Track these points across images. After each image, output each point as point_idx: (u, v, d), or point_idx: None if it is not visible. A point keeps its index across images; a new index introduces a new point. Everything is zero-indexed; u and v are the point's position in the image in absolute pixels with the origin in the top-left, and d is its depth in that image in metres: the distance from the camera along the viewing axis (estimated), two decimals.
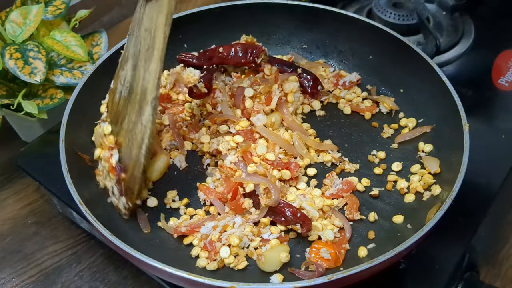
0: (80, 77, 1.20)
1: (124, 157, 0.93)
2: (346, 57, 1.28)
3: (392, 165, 1.07)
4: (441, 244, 0.99)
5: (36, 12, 1.19)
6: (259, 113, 1.09)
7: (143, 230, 0.97)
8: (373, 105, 1.19)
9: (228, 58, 1.17)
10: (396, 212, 0.99)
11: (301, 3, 1.27)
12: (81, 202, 0.89)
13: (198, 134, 1.10)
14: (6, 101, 1.16)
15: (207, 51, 1.21)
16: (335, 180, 1.03)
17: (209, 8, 1.26)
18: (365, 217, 0.99)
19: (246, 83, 1.13)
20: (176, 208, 1.02)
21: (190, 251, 0.95)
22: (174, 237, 0.96)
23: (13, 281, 1.09)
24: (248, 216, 0.97)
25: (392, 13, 1.42)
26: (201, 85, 1.09)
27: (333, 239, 0.93)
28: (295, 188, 1.03)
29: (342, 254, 0.92)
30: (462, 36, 1.45)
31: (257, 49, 1.14)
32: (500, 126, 1.23)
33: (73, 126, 1.02)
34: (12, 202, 1.23)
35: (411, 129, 1.13)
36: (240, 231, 0.93)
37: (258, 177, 0.97)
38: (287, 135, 1.09)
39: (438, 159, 1.03)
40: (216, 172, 1.04)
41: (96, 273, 1.10)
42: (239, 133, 1.06)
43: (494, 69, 1.38)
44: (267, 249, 0.91)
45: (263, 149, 1.02)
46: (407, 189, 1.02)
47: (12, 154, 1.33)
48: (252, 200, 0.98)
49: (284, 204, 0.94)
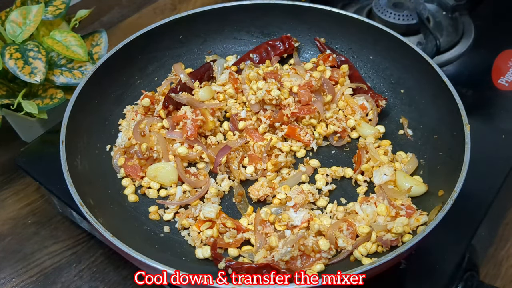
0: (80, 77, 1.20)
1: None
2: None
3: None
4: (441, 244, 0.99)
5: (36, 12, 1.19)
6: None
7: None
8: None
9: (263, 57, 1.24)
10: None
11: (301, 3, 1.27)
12: (82, 203, 0.89)
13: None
14: (6, 101, 1.16)
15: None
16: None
17: (209, 8, 1.26)
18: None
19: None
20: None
21: (194, 252, 0.95)
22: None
23: (13, 281, 1.09)
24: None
25: (392, 13, 1.43)
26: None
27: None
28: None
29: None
30: (462, 36, 1.46)
31: (288, 38, 1.26)
32: (500, 126, 1.23)
33: (74, 126, 1.02)
34: (12, 202, 1.23)
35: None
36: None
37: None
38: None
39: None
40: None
41: (96, 273, 1.10)
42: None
43: (494, 69, 1.38)
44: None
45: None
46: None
47: (12, 154, 1.33)
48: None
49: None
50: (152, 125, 1.10)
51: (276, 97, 1.09)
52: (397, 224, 0.91)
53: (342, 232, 0.94)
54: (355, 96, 1.18)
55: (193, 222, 0.99)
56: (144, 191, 1.05)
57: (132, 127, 1.09)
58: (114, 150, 1.11)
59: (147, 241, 0.96)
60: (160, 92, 1.17)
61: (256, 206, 1.03)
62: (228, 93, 1.18)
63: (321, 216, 0.99)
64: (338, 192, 1.06)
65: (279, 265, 0.88)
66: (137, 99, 1.20)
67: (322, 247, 0.91)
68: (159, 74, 1.26)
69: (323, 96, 1.15)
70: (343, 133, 1.13)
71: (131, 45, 1.18)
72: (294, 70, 1.18)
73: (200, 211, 0.97)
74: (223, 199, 1.05)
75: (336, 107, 1.18)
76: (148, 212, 1.02)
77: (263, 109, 1.12)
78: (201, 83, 1.18)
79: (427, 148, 1.09)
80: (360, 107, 1.15)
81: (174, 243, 0.98)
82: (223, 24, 1.29)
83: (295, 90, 1.12)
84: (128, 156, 1.08)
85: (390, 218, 0.93)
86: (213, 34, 1.30)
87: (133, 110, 1.16)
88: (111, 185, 1.06)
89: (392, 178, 1.01)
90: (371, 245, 0.93)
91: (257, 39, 1.32)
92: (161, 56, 1.26)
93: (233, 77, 1.18)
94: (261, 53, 1.25)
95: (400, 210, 0.93)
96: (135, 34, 1.19)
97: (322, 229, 0.95)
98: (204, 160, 1.09)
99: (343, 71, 1.21)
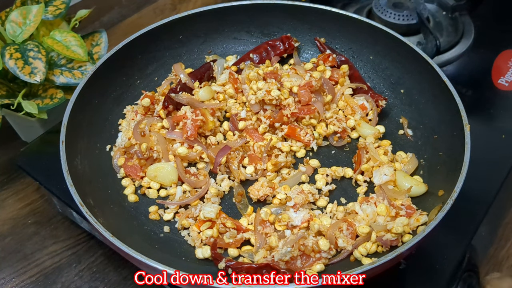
0: (80, 77, 1.20)
1: None
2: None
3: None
4: (441, 244, 0.99)
5: (36, 12, 1.19)
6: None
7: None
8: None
9: (263, 57, 1.25)
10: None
11: (301, 4, 1.27)
12: (82, 203, 0.89)
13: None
14: (6, 101, 1.16)
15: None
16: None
17: (209, 8, 1.26)
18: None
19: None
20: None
21: (194, 252, 0.95)
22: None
23: (13, 281, 1.09)
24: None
25: (392, 13, 1.43)
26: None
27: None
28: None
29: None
30: (462, 36, 1.46)
31: (288, 38, 1.27)
32: (500, 126, 1.23)
33: (74, 126, 1.02)
34: (12, 202, 1.23)
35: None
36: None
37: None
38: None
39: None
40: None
41: (96, 273, 1.10)
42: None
43: (494, 69, 1.38)
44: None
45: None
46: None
47: (12, 154, 1.33)
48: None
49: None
50: (152, 125, 1.11)
51: (276, 97, 1.09)
52: (397, 224, 0.91)
53: (342, 232, 0.94)
54: (355, 96, 1.18)
55: (193, 222, 0.99)
56: (144, 191, 1.05)
57: (132, 127, 1.09)
58: (114, 150, 1.11)
59: (147, 241, 0.96)
60: (160, 92, 1.17)
61: (256, 206, 1.03)
62: (228, 93, 1.18)
63: (321, 216, 0.99)
64: (338, 192, 1.06)
65: (279, 265, 0.88)
66: (137, 99, 1.20)
67: (322, 247, 0.91)
68: (159, 74, 1.26)
69: (323, 96, 1.15)
70: (343, 133, 1.13)
71: (131, 45, 1.18)
72: (294, 70, 1.18)
73: (200, 211, 0.97)
74: (223, 199, 1.05)
75: (336, 107, 1.18)
76: (148, 212, 1.02)
77: (263, 109, 1.12)
78: (201, 83, 1.18)
79: (427, 148, 1.09)
80: (360, 107, 1.15)
81: (174, 243, 0.98)
82: (223, 24, 1.29)
83: (295, 90, 1.12)
84: (128, 156, 1.08)
85: (390, 218, 0.93)
86: (213, 34, 1.30)
87: (133, 110, 1.16)
88: (111, 185, 1.05)
89: (392, 178, 1.01)
90: (371, 245, 0.93)
91: (257, 39, 1.32)
92: (161, 56, 1.26)
93: (233, 77, 1.18)
94: (261, 53, 1.26)
95: (400, 210, 0.93)
96: (135, 34, 1.19)
97: (322, 229, 0.95)
98: (204, 160, 1.09)
99: (343, 71, 1.21)
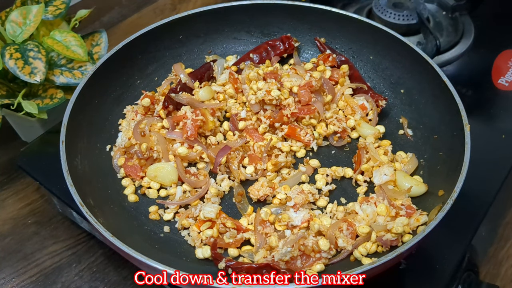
0: (80, 77, 1.20)
1: None
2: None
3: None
4: (441, 244, 0.99)
5: (36, 12, 1.19)
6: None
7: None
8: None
9: (263, 57, 1.25)
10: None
11: (301, 4, 1.27)
12: (82, 203, 0.89)
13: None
14: (6, 101, 1.16)
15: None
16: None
17: (209, 8, 1.26)
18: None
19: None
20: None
21: (194, 252, 0.95)
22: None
23: (13, 281, 1.09)
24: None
25: (392, 13, 1.43)
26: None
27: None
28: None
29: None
30: (462, 36, 1.46)
31: (288, 38, 1.27)
32: (500, 126, 1.23)
33: (74, 126, 1.02)
34: (12, 202, 1.23)
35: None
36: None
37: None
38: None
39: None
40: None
41: (96, 273, 1.10)
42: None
43: (494, 69, 1.38)
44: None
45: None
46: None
47: (12, 154, 1.33)
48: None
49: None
50: (152, 125, 1.10)
51: (276, 97, 1.09)
52: (397, 224, 0.91)
53: (342, 232, 0.94)
54: (355, 96, 1.18)
55: (193, 222, 0.99)
56: (144, 191, 1.05)
57: (132, 127, 1.09)
58: (114, 150, 1.11)
59: (147, 241, 0.96)
60: (160, 92, 1.17)
61: (256, 206, 1.03)
62: (228, 93, 1.18)
63: (321, 216, 0.99)
64: (338, 192, 1.06)
65: (279, 265, 0.88)
66: (137, 99, 1.20)
67: (322, 247, 0.91)
68: (159, 74, 1.26)
69: (323, 96, 1.15)
70: (343, 133, 1.13)
71: (131, 45, 1.18)
72: (294, 70, 1.18)
73: (200, 211, 0.97)
74: (223, 199, 1.05)
75: (336, 107, 1.18)
76: (148, 212, 1.02)
77: (263, 109, 1.12)
78: (201, 83, 1.18)
79: (427, 148, 1.09)
80: (360, 107, 1.15)
81: (174, 243, 0.98)
82: (223, 24, 1.29)
83: (295, 90, 1.12)
84: (128, 156, 1.08)
85: (390, 218, 0.93)
86: (213, 34, 1.30)
87: (133, 110, 1.16)
88: (111, 185, 1.05)
89: (392, 178, 1.01)
90: (371, 245, 0.93)
91: (257, 39, 1.32)
92: (161, 56, 1.26)
93: (233, 77, 1.18)
94: (261, 53, 1.26)
95: (400, 210, 0.93)
96: (135, 34, 1.19)
97: (322, 229, 0.95)
98: (204, 160, 1.09)
99: (343, 71, 1.21)
